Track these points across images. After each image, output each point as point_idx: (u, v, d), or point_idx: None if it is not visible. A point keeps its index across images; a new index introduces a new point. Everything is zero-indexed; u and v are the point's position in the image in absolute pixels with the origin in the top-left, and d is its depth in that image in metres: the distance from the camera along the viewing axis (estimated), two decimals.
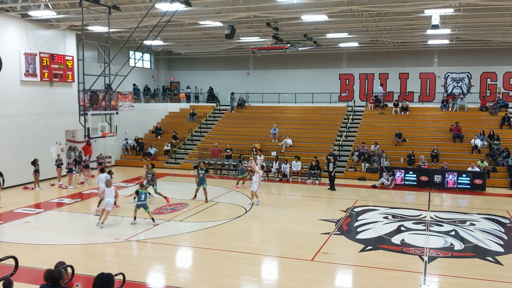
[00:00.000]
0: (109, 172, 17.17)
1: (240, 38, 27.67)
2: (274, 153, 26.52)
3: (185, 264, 12.22)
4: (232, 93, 34.34)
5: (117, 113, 21.04)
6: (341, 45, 30.29)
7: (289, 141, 27.89)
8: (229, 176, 25.68)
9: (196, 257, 12.42)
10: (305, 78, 34.57)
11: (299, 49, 28.67)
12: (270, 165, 25.32)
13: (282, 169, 24.70)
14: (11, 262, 7.87)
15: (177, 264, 12.07)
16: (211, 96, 36.59)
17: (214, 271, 10.99)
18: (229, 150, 26.86)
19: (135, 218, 15.20)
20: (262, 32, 25.47)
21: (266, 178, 24.76)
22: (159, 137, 31.84)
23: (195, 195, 18.89)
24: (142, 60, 35.14)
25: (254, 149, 27.14)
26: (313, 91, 33.31)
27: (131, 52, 30.20)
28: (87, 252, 12.56)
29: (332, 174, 21.80)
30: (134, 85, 33.68)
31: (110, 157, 27.92)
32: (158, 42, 29.93)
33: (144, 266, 11.53)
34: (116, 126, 20.63)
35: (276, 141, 28.51)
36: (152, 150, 29.39)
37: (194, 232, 14.38)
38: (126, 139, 30.27)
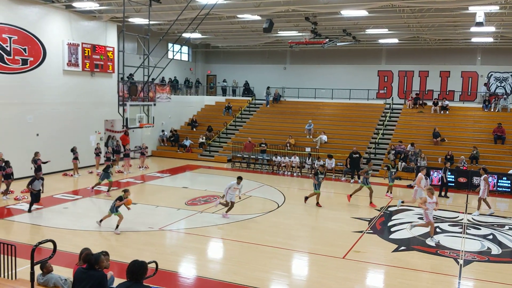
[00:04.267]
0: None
1: (278, 32, 27.58)
2: (308, 149, 26.39)
3: (216, 255, 12.34)
4: (268, 88, 34.30)
5: (154, 104, 21.36)
6: (381, 41, 29.75)
7: (324, 138, 27.67)
8: (262, 170, 25.72)
9: (227, 249, 12.52)
10: (343, 74, 34.16)
11: (338, 44, 28.35)
12: (304, 161, 25.23)
13: (315, 165, 24.54)
14: (50, 245, 8.17)
15: (209, 255, 12.21)
16: (247, 90, 36.67)
17: (245, 264, 11.06)
18: (264, 145, 26.89)
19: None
20: (300, 26, 25.30)
21: (300, 174, 24.69)
22: (194, 129, 32.19)
23: (307, 198, 17.65)
24: (180, 52, 35.52)
25: (288, 144, 27.07)
26: (351, 87, 32.87)
27: (170, 45, 30.58)
28: (121, 239, 12.87)
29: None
30: (174, 77, 34.18)
31: (147, 148, 28.47)
32: (196, 35, 30.20)
33: (177, 255, 11.72)
34: (153, 117, 20.96)
35: (311, 137, 28.33)
36: (187, 142, 29.76)
37: (225, 224, 14.49)
38: (162, 130, 30.76)
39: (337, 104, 32.42)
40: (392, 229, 14.60)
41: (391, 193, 19.85)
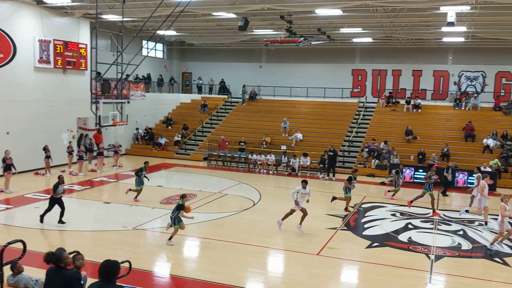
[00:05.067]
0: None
1: (254, 31, 27.60)
2: (284, 147, 26.52)
3: (191, 254, 12.30)
4: (244, 86, 34.31)
5: (128, 102, 21.17)
6: (355, 40, 30.09)
7: (300, 136, 27.85)
8: (238, 168, 25.73)
9: (203, 248, 12.49)
10: (318, 73, 34.43)
11: (312, 43, 28.53)
12: (280, 159, 25.35)
13: (291, 163, 24.70)
14: (21, 246, 7.99)
15: (184, 254, 12.15)
16: (223, 88, 36.60)
17: (221, 262, 11.05)
18: (243, 143, 26.89)
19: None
20: (275, 25, 25.38)
21: (276, 172, 24.79)
22: (169, 127, 31.96)
23: (335, 198, 17.13)
24: (155, 50, 35.21)
25: (264, 142, 27.15)
26: (325, 86, 33.16)
27: (144, 42, 30.27)
28: (95, 239, 12.69)
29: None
30: (148, 74, 33.84)
31: (120, 146, 28.12)
32: (171, 32, 29.96)
33: (151, 254, 11.63)
34: (127, 115, 20.75)
35: (287, 135, 28.47)
36: (162, 141, 29.52)
37: (201, 223, 14.44)
38: (137, 128, 30.43)
39: (312, 103, 32.66)
40: (365, 226, 14.81)
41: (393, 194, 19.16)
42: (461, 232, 14.32)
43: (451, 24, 18.81)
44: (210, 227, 14.15)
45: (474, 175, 18.29)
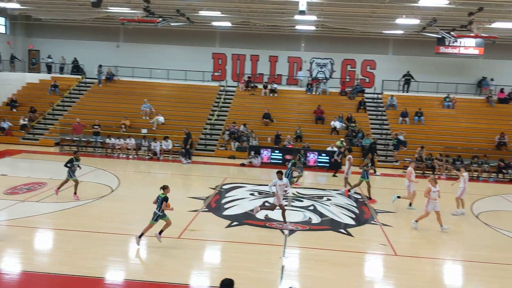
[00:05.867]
0: None
1: (109, 8, 26.12)
2: (144, 131, 25.87)
3: (43, 247, 11.39)
4: (100, 66, 32.43)
5: None
6: (214, 23, 30.30)
7: (161, 119, 27.37)
8: (94, 153, 24.43)
9: (56, 240, 11.68)
10: (179, 55, 33.99)
11: (172, 24, 28.04)
12: (140, 142, 24.68)
13: (152, 147, 24.21)
14: None
15: (35, 247, 11.22)
16: (76, 68, 34.16)
17: (75, 253, 10.45)
18: (97, 127, 25.50)
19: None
20: (132, 3, 24.37)
21: (136, 156, 24.11)
22: (14, 110, 28.96)
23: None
24: None
25: (123, 126, 26.12)
26: (186, 69, 32.96)
27: None
28: None
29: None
30: None
31: None
32: (13, 5, 26.89)
33: None
34: None
35: (147, 118, 27.76)
36: (5, 124, 26.65)
37: (53, 213, 13.46)
38: None
39: (173, 85, 32.26)
40: (225, 206, 15.23)
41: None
42: (311, 208, 15.52)
43: (302, 12, 19.91)
44: (64, 217, 13.26)
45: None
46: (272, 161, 23.75)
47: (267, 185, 18.52)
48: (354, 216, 14.95)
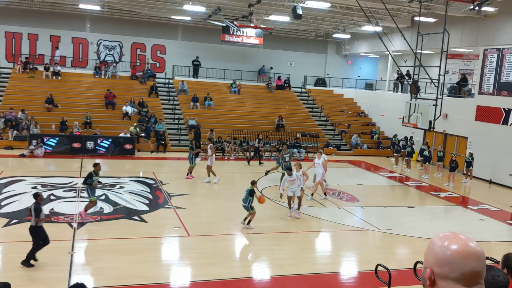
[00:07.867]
0: None
1: None
2: None
3: None
4: None
5: None
6: None
7: None
8: None
9: None
10: None
11: None
12: None
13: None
14: None
15: None
16: None
17: None
18: None
19: None
20: None
21: None
22: None
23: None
24: None
25: None
26: None
27: None
28: None
29: None
30: None
31: None
32: None
33: None
34: None
35: None
36: None
37: None
38: None
39: None
40: (3, 203, 13.50)
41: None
42: (103, 197, 14.85)
43: None
44: None
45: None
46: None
47: (52, 176, 17.14)
48: (147, 202, 14.86)
